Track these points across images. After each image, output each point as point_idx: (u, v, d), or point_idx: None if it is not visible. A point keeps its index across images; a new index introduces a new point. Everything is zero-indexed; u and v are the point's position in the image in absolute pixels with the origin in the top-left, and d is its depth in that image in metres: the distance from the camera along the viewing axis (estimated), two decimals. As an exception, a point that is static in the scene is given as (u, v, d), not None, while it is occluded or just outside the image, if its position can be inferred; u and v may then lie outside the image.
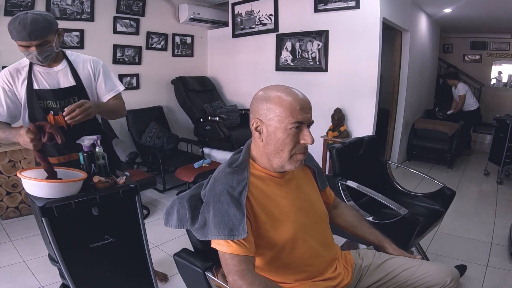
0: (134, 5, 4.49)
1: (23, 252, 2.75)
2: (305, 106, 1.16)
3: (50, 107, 1.83)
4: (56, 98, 1.86)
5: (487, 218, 3.46)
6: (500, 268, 2.57)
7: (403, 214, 1.99)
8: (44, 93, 1.84)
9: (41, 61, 1.78)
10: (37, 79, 1.84)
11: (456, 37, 8.14)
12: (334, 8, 4.11)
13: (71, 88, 1.90)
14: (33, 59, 1.76)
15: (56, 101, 1.86)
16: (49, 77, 1.87)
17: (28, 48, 1.72)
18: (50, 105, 1.84)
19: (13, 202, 3.34)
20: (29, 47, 1.71)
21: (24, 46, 1.72)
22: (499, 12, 5.23)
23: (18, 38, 1.68)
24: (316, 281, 1.28)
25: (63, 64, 1.91)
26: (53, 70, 1.88)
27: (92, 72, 1.99)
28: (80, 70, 1.95)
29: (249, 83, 5.18)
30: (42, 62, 1.79)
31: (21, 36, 1.67)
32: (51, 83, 1.87)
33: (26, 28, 1.65)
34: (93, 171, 1.82)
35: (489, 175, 4.87)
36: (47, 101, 1.84)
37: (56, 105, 1.85)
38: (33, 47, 1.71)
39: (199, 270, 1.25)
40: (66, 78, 1.90)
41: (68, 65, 1.92)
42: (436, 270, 1.35)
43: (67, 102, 1.86)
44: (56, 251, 1.64)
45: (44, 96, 1.84)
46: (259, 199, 1.19)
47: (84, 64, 1.97)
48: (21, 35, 1.66)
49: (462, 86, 5.85)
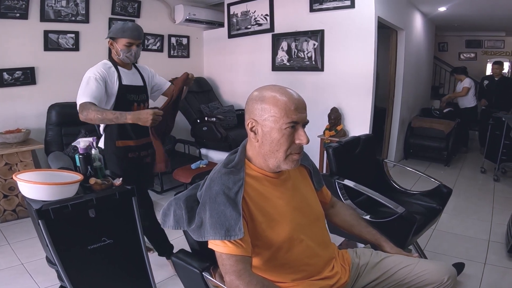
0: (129, 6, 4.49)
1: (21, 255, 2.74)
2: (300, 106, 1.16)
3: (132, 99, 2.26)
4: (136, 92, 2.29)
5: (485, 216, 3.47)
6: (498, 265, 2.58)
7: (400, 213, 1.99)
8: (130, 88, 2.25)
9: (133, 59, 2.23)
10: (124, 77, 2.23)
11: (451, 35, 8.17)
12: (329, 7, 4.11)
13: (141, 87, 2.35)
14: (131, 55, 2.19)
15: (136, 95, 2.29)
16: (129, 76, 2.27)
17: (131, 47, 2.17)
18: (132, 98, 2.26)
19: (10, 205, 3.32)
20: (132, 45, 2.17)
21: (129, 45, 2.16)
22: (493, 10, 5.26)
23: (131, 36, 2.14)
24: (314, 280, 1.28)
25: (133, 68, 2.35)
26: (129, 72, 2.30)
27: (150, 75, 2.47)
28: (145, 75, 2.41)
29: (245, 84, 5.18)
30: (134, 59, 2.24)
31: (134, 35, 2.15)
32: (131, 81, 2.27)
33: (137, 29, 2.19)
34: (90, 173, 1.82)
35: (486, 173, 4.89)
36: (131, 94, 2.25)
37: (136, 98, 2.28)
38: (135, 46, 2.18)
39: (196, 271, 1.25)
40: (137, 79, 2.34)
41: (135, 69, 2.37)
42: (433, 268, 1.35)
43: (140, 97, 2.32)
44: (54, 253, 1.64)
45: (130, 90, 2.25)
46: (255, 199, 1.19)
47: (145, 70, 2.45)
48: (134, 34, 2.16)
49: (469, 80, 5.91)
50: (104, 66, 2.17)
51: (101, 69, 2.13)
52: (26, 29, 3.68)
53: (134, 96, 2.27)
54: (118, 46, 2.16)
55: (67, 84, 4.03)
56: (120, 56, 2.18)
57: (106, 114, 1.95)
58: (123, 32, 2.13)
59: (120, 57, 2.19)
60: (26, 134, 3.46)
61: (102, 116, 1.94)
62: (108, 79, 2.14)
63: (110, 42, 2.19)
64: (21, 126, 3.63)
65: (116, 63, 2.23)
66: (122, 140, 2.24)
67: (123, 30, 2.13)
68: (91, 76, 2.08)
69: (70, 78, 4.04)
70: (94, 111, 1.94)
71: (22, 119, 3.75)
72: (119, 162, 2.26)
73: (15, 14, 3.55)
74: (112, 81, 2.17)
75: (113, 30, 2.17)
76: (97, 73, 2.09)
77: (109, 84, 2.14)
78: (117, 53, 2.18)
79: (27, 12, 3.63)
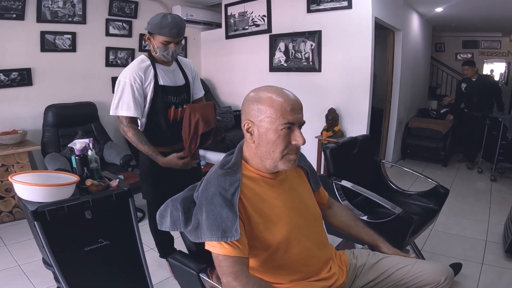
0: (126, 7, 4.48)
1: (18, 257, 2.73)
2: (296, 106, 1.15)
3: (170, 101, 2.09)
4: (175, 93, 2.11)
5: (482, 216, 3.48)
6: (496, 265, 2.58)
7: (398, 213, 1.99)
8: (167, 89, 2.08)
9: (172, 58, 2.05)
10: (161, 76, 2.06)
11: (448, 36, 8.19)
12: (326, 8, 4.12)
13: (183, 86, 2.17)
14: (168, 54, 2.01)
15: (175, 96, 2.11)
16: (168, 74, 2.10)
17: (168, 45, 1.98)
18: (170, 99, 2.09)
19: (6, 206, 3.31)
20: (170, 43, 1.97)
21: (166, 43, 1.96)
22: (489, 11, 5.27)
23: (169, 34, 1.93)
24: (311, 281, 1.27)
25: (174, 64, 2.16)
26: (169, 69, 2.12)
27: (192, 74, 2.28)
28: (187, 71, 2.23)
29: (243, 84, 5.17)
30: (172, 58, 2.05)
31: (172, 33, 1.93)
32: (170, 80, 2.11)
33: (177, 25, 1.94)
34: (86, 175, 1.81)
35: (483, 173, 4.90)
36: (168, 96, 2.08)
37: (175, 99, 2.11)
38: (173, 44, 1.98)
39: (193, 272, 1.25)
40: (179, 77, 2.16)
41: (177, 66, 2.18)
42: (430, 268, 1.35)
43: (180, 98, 2.14)
44: (50, 255, 1.63)
45: (167, 91, 2.07)
46: (252, 201, 1.18)
47: (189, 66, 2.27)
48: (173, 32, 1.93)
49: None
50: (139, 65, 2.02)
51: (137, 71, 1.99)
52: (22, 30, 3.66)
53: (172, 97, 2.10)
54: (155, 43, 1.99)
55: (64, 85, 4.05)
56: (157, 53, 2.02)
57: (141, 147, 2.01)
58: (161, 29, 1.93)
59: (157, 54, 2.02)
60: (23, 135, 3.45)
61: (138, 145, 2.01)
62: (144, 80, 2.01)
63: (147, 36, 2.03)
64: (17, 127, 3.62)
65: (154, 59, 2.07)
66: (157, 146, 2.08)
67: (161, 26, 1.93)
68: (126, 81, 1.97)
69: (67, 79, 4.07)
70: (132, 135, 2.00)
71: (19, 120, 3.74)
72: (151, 166, 2.15)
73: (11, 15, 3.54)
74: (148, 81, 2.02)
75: (151, 24, 1.98)
76: (132, 77, 1.97)
77: (144, 87, 2.02)
78: (154, 50, 2.02)
79: (23, 13, 3.61)
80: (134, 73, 1.98)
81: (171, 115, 2.10)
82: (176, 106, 2.11)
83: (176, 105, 2.12)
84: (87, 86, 4.27)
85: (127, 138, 2.03)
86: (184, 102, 2.17)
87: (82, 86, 4.22)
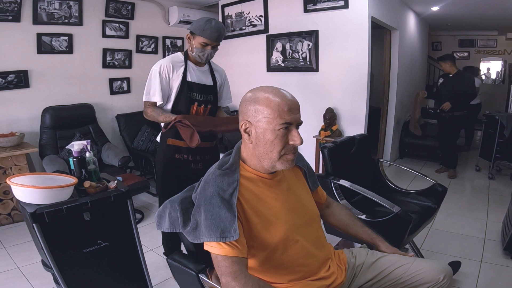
0: (123, 8, 4.47)
1: (17, 259, 2.72)
2: (293, 106, 1.16)
3: (194, 98, 2.20)
4: (201, 91, 2.22)
5: (480, 214, 3.49)
6: (495, 263, 2.59)
7: (396, 212, 2.00)
8: (193, 86, 2.20)
9: (206, 59, 2.19)
10: (190, 73, 2.19)
11: (445, 34, 8.21)
12: (323, 8, 4.12)
13: (210, 87, 2.29)
14: (204, 55, 2.15)
15: (200, 94, 2.22)
16: (198, 73, 2.23)
17: (206, 47, 2.12)
18: (195, 96, 2.20)
19: (5, 209, 3.30)
20: (208, 45, 2.11)
21: (205, 44, 2.11)
22: (485, 9, 5.29)
23: (209, 37, 2.07)
24: (310, 280, 1.28)
25: (207, 66, 2.30)
26: (201, 69, 2.26)
27: (221, 79, 2.40)
28: (218, 75, 2.36)
29: (240, 85, 5.10)
30: (206, 60, 2.19)
31: (213, 36, 2.08)
32: (199, 79, 2.23)
33: (219, 31, 2.09)
34: (84, 176, 1.81)
35: (481, 171, 4.92)
36: (193, 92, 2.20)
37: (200, 97, 2.22)
38: (210, 47, 2.12)
39: (192, 273, 1.25)
40: (208, 78, 2.29)
41: (209, 68, 2.32)
42: (429, 267, 1.36)
43: (205, 97, 2.25)
44: (49, 257, 1.63)
45: (193, 88, 2.19)
46: (250, 201, 1.19)
47: (220, 72, 2.40)
48: (213, 35, 2.08)
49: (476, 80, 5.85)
50: (172, 59, 2.18)
51: (169, 62, 2.15)
52: (18, 32, 3.65)
53: (197, 95, 2.21)
54: (194, 43, 2.12)
55: (61, 87, 4.04)
56: (193, 53, 2.15)
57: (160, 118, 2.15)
58: (203, 31, 2.06)
59: (193, 53, 2.16)
60: (20, 137, 3.44)
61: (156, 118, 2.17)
62: (173, 72, 2.15)
63: (188, 35, 2.16)
64: (15, 129, 3.61)
65: (189, 57, 2.21)
66: (174, 139, 2.21)
67: (203, 28, 2.06)
68: (156, 69, 2.13)
69: (63, 81, 4.05)
70: (151, 111, 2.17)
71: (16, 122, 3.72)
72: (164, 160, 2.27)
73: (7, 17, 3.53)
74: (176, 74, 2.16)
75: (194, 25, 2.11)
76: (162, 66, 2.13)
77: (172, 79, 2.16)
78: (192, 49, 2.15)
79: (19, 15, 3.60)
80: (164, 64, 2.14)
81: (193, 110, 2.21)
82: (199, 103, 2.22)
83: (200, 103, 2.22)
84: (84, 87, 4.25)
85: (147, 117, 2.20)
86: (209, 103, 2.28)
87: (79, 88, 4.20)
